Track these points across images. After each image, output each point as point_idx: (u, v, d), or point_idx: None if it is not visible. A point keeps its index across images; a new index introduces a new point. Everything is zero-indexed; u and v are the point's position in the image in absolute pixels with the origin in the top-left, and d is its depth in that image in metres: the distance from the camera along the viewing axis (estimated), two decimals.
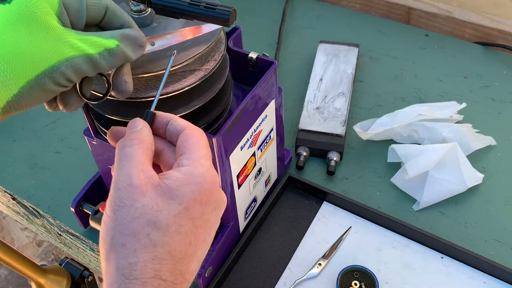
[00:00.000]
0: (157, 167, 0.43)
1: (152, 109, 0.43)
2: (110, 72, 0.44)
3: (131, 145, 0.39)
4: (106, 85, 0.44)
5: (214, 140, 0.54)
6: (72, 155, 0.88)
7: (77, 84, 0.42)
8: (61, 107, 0.43)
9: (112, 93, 0.45)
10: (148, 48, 0.46)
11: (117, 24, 0.43)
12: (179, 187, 0.38)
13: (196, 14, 0.47)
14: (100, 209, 0.70)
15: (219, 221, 0.41)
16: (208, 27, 0.51)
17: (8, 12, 0.37)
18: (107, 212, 0.37)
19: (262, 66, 0.63)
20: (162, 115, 0.43)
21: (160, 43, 0.48)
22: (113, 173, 0.39)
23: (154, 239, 0.36)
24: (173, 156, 0.42)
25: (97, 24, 0.43)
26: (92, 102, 0.45)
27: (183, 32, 0.50)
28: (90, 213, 0.71)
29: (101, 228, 0.38)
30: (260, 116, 0.63)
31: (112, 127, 0.44)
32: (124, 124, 0.55)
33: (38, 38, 0.38)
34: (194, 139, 0.41)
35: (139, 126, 0.41)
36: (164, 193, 0.37)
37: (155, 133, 0.43)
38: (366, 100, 0.91)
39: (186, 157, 0.39)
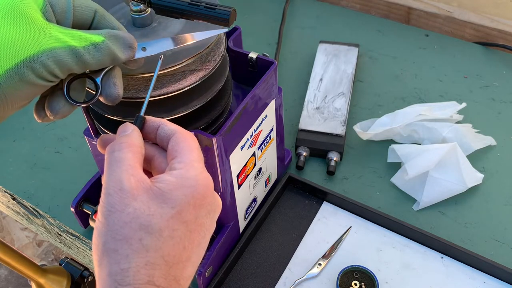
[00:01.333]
0: (149, 174, 0.42)
1: (142, 113, 0.43)
2: (100, 76, 0.43)
3: (121, 149, 0.38)
4: (95, 87, 0.43)
5: (214, 140, 0.54)
6: (72, 155, 0.88)
7: (64, 86, 0.42)
8: (48, 114, 0.42)
9: (101, 98, 0.44)
10: (140, 54, 0.46)
11: (106, 28, 0.43)
12: (172, 190, 0.37)
13: (196, 14, 0.47)
14: (94, 216, 0.70)
15: (215, 225, 0.41)
16: (204, 35, 0.50)
17: None
18: (99, 218, 0.37)
19: (262, 66, 0.63)
20: (152, 120, 0.42)
21: (152, 49, 0.47)
22: (103, 179, 0.38)
23: (147, 244, 0.35)
24: (164, 161, 0.41)
25: (87, 29, 0.43)
26: (80, 105, 0.43)
27: (177, 38, 0.49)
28: (90, 213, 0.71)
29: (94, 234, 0.37)
30: (260, 116, 0.63)
31: (101, 135, 0.43)
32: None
33: (18, 28, 0.37)
34: (185, 143, 0.40)
35: (129, 131, 0.40)
36: (156, 196, 0.37)
37: (146, 138, 0.42)
38: (366, 100, 0.91)
39: (178, 160, 0.39)
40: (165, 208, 0.36)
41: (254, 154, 0.65)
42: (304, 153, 0.81)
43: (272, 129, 0.68)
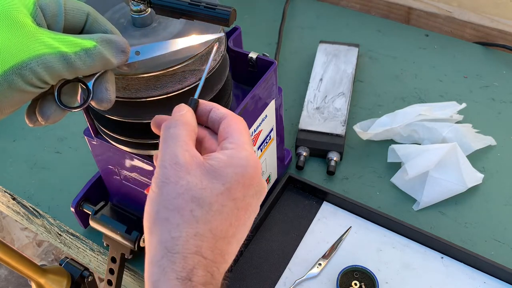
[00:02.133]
0: None
1: (196, 96, 0.44)
2: (92, 80, 0.43)
3: (176, 126, 0.40)
4: (86, 92, 0.43)
5: None
6: (72, 155, 0.88)
7: (55, 91, 0.41)
8: (39, 119, 0.42)
9: (92, 103, 0.44)
10: (133, 58, 0.45)
11: (99, 31, 0.43)
12: (223, 168, 0.39)
13: (196, 14, 0.47)
14: (145, 191, 0.69)
15: (259, 207, 0.42)
16: (199, 39, 0.49)
17: None
18: (153, 189, 0.38)
19: (262, 66, 0.63)
20: (205, 103, 0.44)
21: (146, 53, 0.46)
22: (158, 154, 0.40)
23: (197, 215, 0.37)
24: (215, 142, 0.43)
25: (79, 33, 0.43)
26: (72, 110, 0.43)
27: (172, 42, 0.48)
28: (90, 213, 0.71)
29: (147, 203, 0.39)
30: (260, 116, 0.63)
31: (156, 115, 0.44)
32: (124, 124, 0.55)
33: (7, 34, 0.37)
34: (237, 125, 0.42)
35: (184, 111, 0.42)
36: (208, 172, 0.38)
37: (198, 121, 0.44)
38: (366, 100, 0.91)
39: (230, 141, 0.41)
40: (216, 184, 0.38)
41: None
42: (304, 153, 0.81)
43: (272, 129, 0.68)
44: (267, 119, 0.65)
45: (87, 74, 0.41)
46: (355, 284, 0.66)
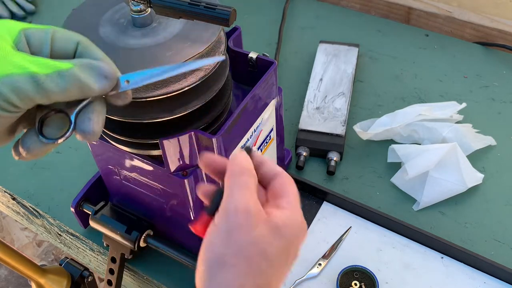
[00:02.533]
0: None
1: (251, 145, 0.45)
2: (75, 110, 0.40)
3: (250, 176, 0.41)
4: (68, 122, 0.40)
5: (214, 140, 0.54)
6: (72, 155, 0.88)
7: (36, 120, 0.39)
8: (20, 150, 0.41)
9: (77, 135, 0.41)
10: (124, 86, 0.41)
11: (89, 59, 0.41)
12: (283, 227, 0.40)
13: (196, 14, 0.48)
14: (194, 228, 0.61)
15: None
16: (195, 64, 0.44)
17: None
18: (220, 231, 0.39)
19: (262, 66, 0.63)
20: (256, 154, 0.44)
21: (136, 81, 0.42)
22: (228, 197, 0.40)
23: (262, 268, 0.38)
24: (261, 194, 0.43)
25: None
26: (51, 142, 0.41)
27: (165, 70, 0.43)
28: (90, 213, 0.71)
29: (212, 241, 0.39)
30: (260, 116, 0.63)
31: (206, 154, 0.44)
32: (124, 124, 0.55)
33: None
34: (292, 186, 0.43)
35: (248, 160, 0.42)
36: (272, 228, 0.39)
37: None
38: (366, 100, 0.91)
39: (287, 200, 0.42)
40: (279, 242, 0.39)
41: None
42: (304, 153, 0.81)
43: (272, 129, 0.68)
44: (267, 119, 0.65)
45: (64, 99, 0.39)
46: (355, 284, 0.66)
